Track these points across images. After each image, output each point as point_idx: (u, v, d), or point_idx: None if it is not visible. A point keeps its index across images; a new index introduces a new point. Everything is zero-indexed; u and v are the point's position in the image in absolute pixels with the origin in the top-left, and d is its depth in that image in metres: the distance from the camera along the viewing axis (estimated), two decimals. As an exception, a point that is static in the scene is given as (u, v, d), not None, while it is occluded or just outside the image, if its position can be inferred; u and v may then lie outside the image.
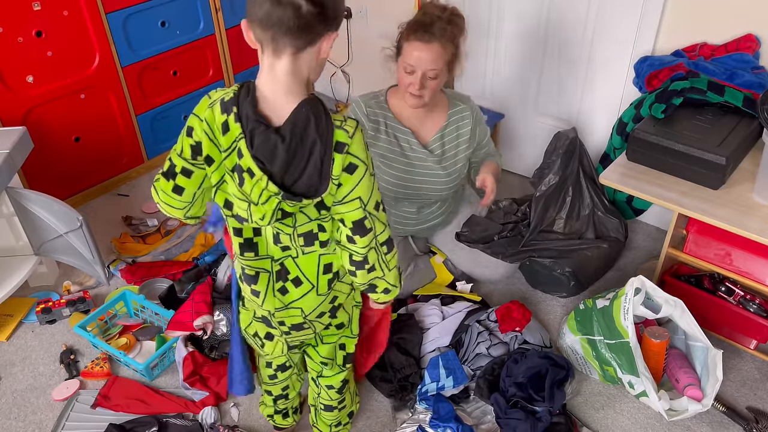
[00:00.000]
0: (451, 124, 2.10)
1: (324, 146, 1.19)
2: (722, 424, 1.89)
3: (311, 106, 1.22)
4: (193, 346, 2.04)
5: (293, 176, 1.22)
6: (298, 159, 1.20)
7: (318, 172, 1.21)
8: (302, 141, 1.19)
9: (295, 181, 1.22)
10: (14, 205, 2.25)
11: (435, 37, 1.85)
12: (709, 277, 2.10)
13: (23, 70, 2.48)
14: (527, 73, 2.73)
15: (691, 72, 2.10)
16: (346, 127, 1.22)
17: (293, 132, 1.19)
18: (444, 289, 2.03)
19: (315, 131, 1.19)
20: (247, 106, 1.21)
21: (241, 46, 3.21)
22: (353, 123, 1.24)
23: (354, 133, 1.22)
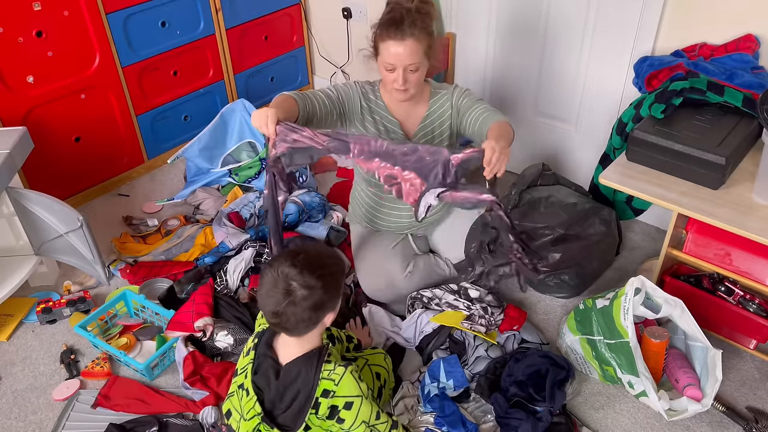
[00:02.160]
0: (432, 113, 2.11)
1: (306, 398, 1.48)
2: (722, 424, 1.89)
3: (307, 362, 1.51)
4: (194, 346, 2.04)
5: (280, 410, 1.51)
6: (285, 399, 1.50)
7: (295, 415, 1.49)
8: (289, 388, 1.50)
9: (281, 413, 1.51)
10: (14, 205, 2.25)
11: (407, 33, 1.87)
12: (708, 277, 2.10)
13: (23, 70, 2.48)
14: (527, 73, 2.73)
15: (690, 72, 2.10)
16: (333, 376, 1.49)
17: (285, 378, 1.50)
18: (461, 325, 2.04)
19: (302, 384, 1.49)
20: (264, 340, 1.57)
21: (242, 46, 3.21)
22: (341, 370, 1.50)
23: (341, 380, 1.49)
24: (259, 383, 1.54)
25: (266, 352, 1.55)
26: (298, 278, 1.42)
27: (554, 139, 2.80)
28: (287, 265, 1.44)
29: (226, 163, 2.91)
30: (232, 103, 2.93)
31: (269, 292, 1.44)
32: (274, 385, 1.51)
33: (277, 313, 1.44)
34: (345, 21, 3.29)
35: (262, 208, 2.57)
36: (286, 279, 1.43)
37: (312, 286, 1.43)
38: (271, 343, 1.57)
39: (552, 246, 2.24)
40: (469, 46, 2.85)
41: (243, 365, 1.60)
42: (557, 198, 2.33)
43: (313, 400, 1.48)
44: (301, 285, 1.42)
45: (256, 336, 1.62)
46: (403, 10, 1.88)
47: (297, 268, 1.43)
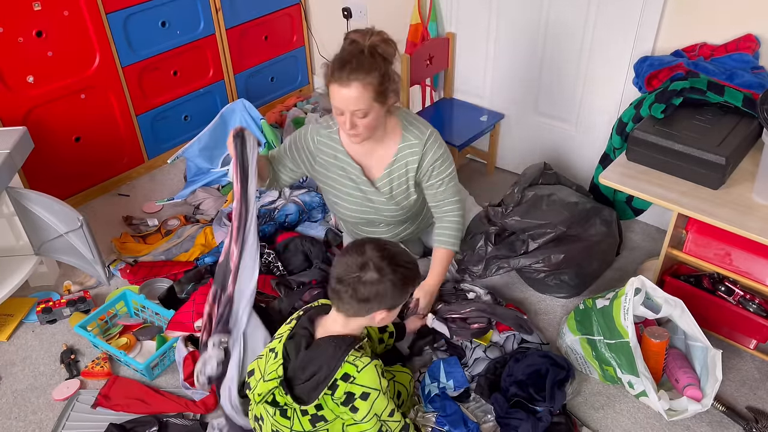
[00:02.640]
0: (398, 159, 2.01)
1: (325, 376, 1.49)
2: (722, 423, 1.89)
3: (338, 342, 1.52)
4: (194, 346, 2.04)
5: (300, 379, 1.51)
6: (308, 370, 1.50)
7: (311, 389, 1.49)
8: (313, 361, 1.51)
9: (299, 384, 1.51)
10: (14, 205, 2.26)
11: (352, 78, 1.75)
12: (708, 277, 2.10)
13: (23, 70, 2.48)
14: (527, 73, 2.73)
15: (690, 72, 2.10)
16: (357, 363, 1.50)
17: (313, 350, 1.52)
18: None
19: (328, 360, 1.50)
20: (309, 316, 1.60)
21: (242, 46, 3.21)
22: (366, 360, 1.51)
23: (363, 368, 1.50)
24: (289, 349, 1.55)
25: (306, 324, 1.58)
26: (377, 261, 1.48)
27: (554, 139, 2.80)
28: (376, 247, 1.51)
29: (226, 163, 2.91)
30: (232, 103, 2.93)
31: (347, 259, 1.51)
32: (302, 354, 1.52)
33: (341, 279, 1.49)
34: (345, 21, 3.29)
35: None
36: (366, 255, 1.49)
37: (384, 274, 1.48)
38: (314, 319, 1.60)
39: (553, 245, 2.24)
40: (469, 46, 2.85)
41: (281, 331, 1.62)
42: (559, 197, 2.33)
43: (332, 380, 1.49)
44: (376, 268, 1.48)
45: (305, 309, 1.65)
46: (354, 51, 1.78)
47: (382, 253, 1.50)
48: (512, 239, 2.29)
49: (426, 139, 1.98)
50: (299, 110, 3.40)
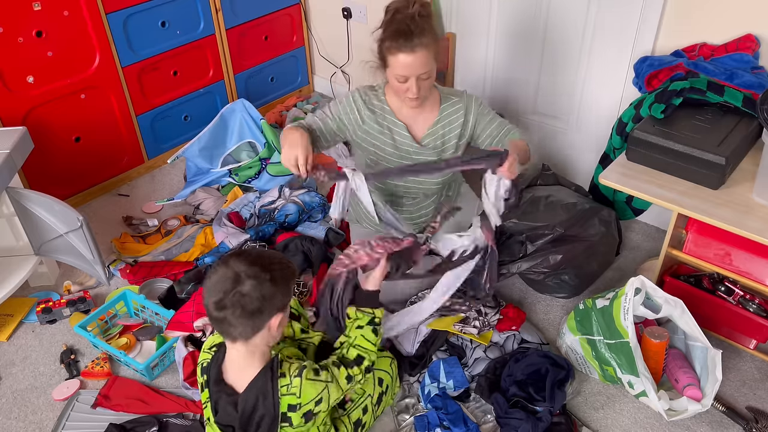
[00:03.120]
0: (443, 119, 2.08)
1: (271, 420, 1.45)
2: (722, 423, 1.89)
3: (261, 384, 1.46)
4: (193, 346, 2.04)
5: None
6: (251, 426, 1.46)
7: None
8: (252, 417, 1.46)
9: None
10: (14, 205, 2.26)
11: (417, 43, 1.82)
12: (708, 277, 2.11)
13: (23, 70, 2.48)
14: (526, 73, 2.74)
15: (690, 72, 2.10)
16: (293, 390, 1.45)
17: (244, 410, 1.46)
18: (453, 327, 2.04)
19: (263, 407, 1.44)
20: (212, 376, 1.52)
21: (242, 46, 3.21)
22: (297, 381, 1.46)
23: (301, 391, 1.46)
24: (223, 421, 1.50)
25: (219, 388, 1.50)
26: (247, 269, 1.39)
27: (554, 139, 2.80)
28: (238, 259, 1.41)
29: (226, 163, 2.91)
30: (232, 103, 2.93)
31: (216, 282, 1.40)
32: (237, 419, 1.47)
33: (220, 303, 1.37)
34: (345, 21, 3.29)
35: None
36: (234, 269, 1.39)
37: (259, 277, 1.39)
38: (221, 377, 1.52)
39: (552, 246, 2.24)
40: (469, 46, 2.85)
41: (204, 400, 1.57)
42: (557, 198, 2.33)
43: (280, 418, 1.45)
44: (250, 275, 1.38)
45: (203, 371, 1.57)
46: (407, 19, 1.83)
47: (247, 260, 1.41)
48: (510, 242, 2.28)
49: (465, 98, 2.08)
50: (299, 110, 3.41)
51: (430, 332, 2.05)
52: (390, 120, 2.07)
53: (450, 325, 2.03)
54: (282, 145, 1.88)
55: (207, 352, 1.59)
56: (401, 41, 1.83)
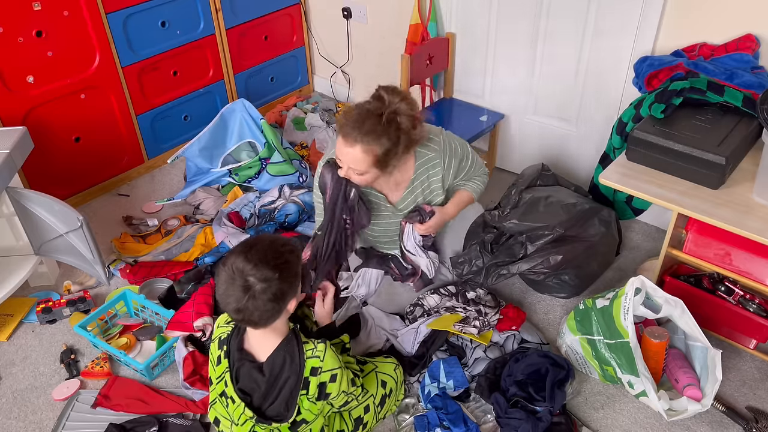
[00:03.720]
0: (419, 176, 2.05)
1: (296, 381, 1.51)
2: (722, 423, 1.89)
3: (287, 348, 1.53)
4: (193, 346, 2.04)
5: (268, 402, 1.53)
6: (274, 390, 1.52)
7: (286, 403, 1.51)
8: (278, 377, 1.52)
9: (269, 406, 1.53)
10: (14, 205, 2.26)
11: (358, 140, 1.76)
12: (708, 276, 2.10)
13: (23, 70, 2.48)
14: (526, 73, 2.73)
15: (690, 72, 2.10)
16: (317, 353, 1.53)
17: (272, 371, 1.52)
18: (453, 327, 2.04)
19: (289, 369, 1.51)
20: (233, 345, 1.57)
21: (242, 46, 3.21)
22: (321, 346, 1.53)
23: (324, 355, 1.53)
24: (245, 388, 1.54)
25: (241, 356, 1.55)
26: (254, 272, 1.42)
27: (554, 139, 2.80)
28: (241, 261, 1.43)
29: (226, 163, 2.91)
30: (232, 103, 2.93)
31: (228, 290, 1.44)
32: (263, 382, 1.52)
33: (239, 309, 1.44)
34: (345, 21, 3.29)
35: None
36: (242, 275, 1.42)
37: (269, 278, 1.42)
38: (242, 347, 1.57)
39: (552, 246, 2.23)
40: (469, 46, 2.85)
41: (219, 374, 1.59)
42: (557, 198, 2.33)
43: (303, 381, 1.50)
44: (259, 279, 1.42)
45: (221, 344, 1.60)
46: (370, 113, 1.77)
47: (251, 262, 1.43)
48: (510, 243, 2.28)
49: (442, 149, 2.02)
50: (299, 110, 3.41)
51: (430, 332, 2.05)
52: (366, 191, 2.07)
53: (450, 325, 2.03)
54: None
55: (224, 326, 1.63)
56: (346, 127, 1.78)
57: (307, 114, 3.35)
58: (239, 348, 1.57)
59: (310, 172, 2.90)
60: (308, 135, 3.25)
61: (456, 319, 2.06)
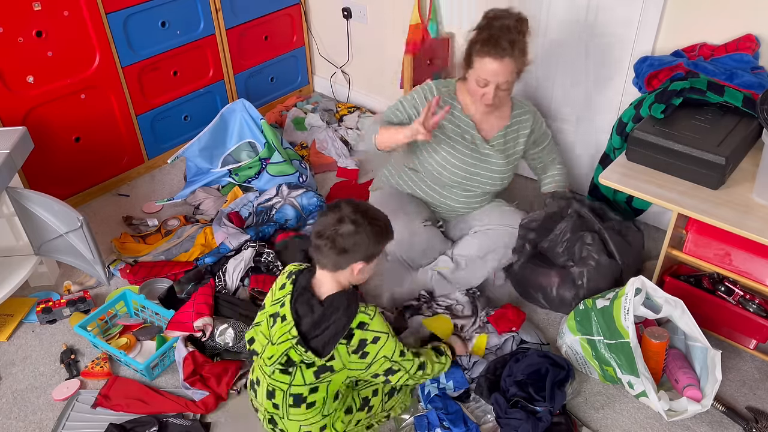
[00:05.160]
0: (513, 124, 2.20)
1: (345, 323, 1.60)
2: (722, 423, 1.89)
3: (349, 295, 1.65)
4: (193, 346, 2.04)
5: (315, 333, 1.61)
6: (324, 323, 1.61)
7: (330, 339, 1.59)
8: (333, 313, 1.61)
9: (314, 337, 1.61)
10: (14, 205, 2.26)
11: (507, 52, 1.92)
12: (708, 277, 2.10)
13: (23, 70, 2.48)
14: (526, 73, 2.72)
15: (690, 72, 2.10)
16: (368, 311, 1.64)
17: (330, 305, 1.62)
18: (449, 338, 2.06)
19: (345, 311, 1.61)
20: (303, 279, 1.69)
21: (242, 46, 3.21)
22: (373, 308, 1.66)
23: (374, 316, 1.64)
24: (299, 311, 1.64)
25: (306, 288, 1.67)
26: (352, 216, 1.60)
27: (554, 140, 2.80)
28: (350, 204, 1.63)
29: (226, 163, 2.91)
30: (232, 103, 2.93)
31: (326, 215, 1.63)
32: (318, 311, 1.62)
33: (320, 233, 1.61)
34: (345, 21, 3.29)
35: None
36: (342, 212, 1.61)
37: (360, 225, 1.60)
38: (309, 285, 1.68)
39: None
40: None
41: (277, 297, 1.70)
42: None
43: (348, 330, 1.60)
44: (351, 221, 1.59)
45: (291, 274, 1.72)
46: (504, 28, 1.92)
47: (356, 209, 1.62)
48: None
49: (533, 110, 2.26)
50: (299, 110, 3.41)
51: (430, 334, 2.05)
52: (460, 118, 2.16)
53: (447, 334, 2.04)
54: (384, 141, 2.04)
55: (297, 265, 1.76)
56: (492, 47, 1.91)
57: (307, 114, 3.36)
58: (306, 284, 1.68)
59: (311, 173, 2.90)
60: (308, 135, 3.25)
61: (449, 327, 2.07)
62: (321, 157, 3.11)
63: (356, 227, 1.60)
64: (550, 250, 2.20)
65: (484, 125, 2.19)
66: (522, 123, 2.23)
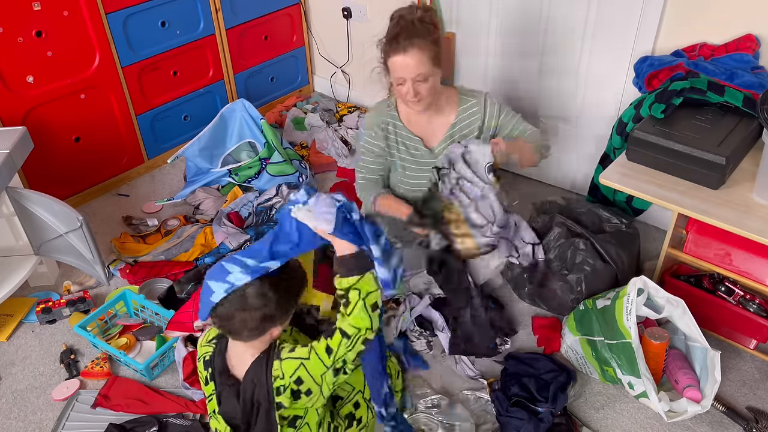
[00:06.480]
0: (459, 122, 2.11)
1: (267, 407, 1.44)
2: (722, 424, 1.89)
3: (256, 372, 1.44)
4: (193, 346, 2.04)
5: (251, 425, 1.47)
6: (252, 414, 1.47)
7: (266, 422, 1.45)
8: (252, 406, 1.46)
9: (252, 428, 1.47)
10: (14, 205, 2.25)
11: (410, 44, 1.87)
12: (708, 277, 2.10)
13: (23, 70, 2.48)
14: (526, 73, 2.73)
15: (690, 72, 2.10)
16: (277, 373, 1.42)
17: (245, 396, 1.46)
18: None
19: (258, 394, 1.44)
20: (217, 367, 1.51)
21: (242, 46, 3.21)
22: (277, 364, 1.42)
23: (283, 371, 1.42)
24: (227, 411, 1.50)
25: (223, 380, 1.51)
26: (257, 286, 1.36)
27: (554, 140, 2.80)
28: (254, 283, 1.37)
29: (226, 163, 2.91)
30: (232, 103, 2.93)
31: (229, 296, 1.37)
32: (240, 407, 1.47)
33: (224, 316, 1.38)
34: (345, 21, 3.29)
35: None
36: (246, 292, 1.36)
37: (267, 298, 1.36)
38: (225, 367, 1.51)
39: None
40: (469, 46, 2.85)
41: (209, 393, 1.55)
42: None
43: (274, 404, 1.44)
44: (257, 294, 1.36)
45: (206, 365, 1.55)
46: (405, 23, 1.89)
47: (263, 284, 1.37)
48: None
49: (483, 98, 2.10)
50: (299, 110, 3.41)
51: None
52: (404, 135, 2.12)
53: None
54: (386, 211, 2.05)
55: (207, 345, 1.56)
56: (395, 43, 1.89)
57: (307, 114, 3.35)
58: (221, 371, 1.51)
59: (311, 172, 2.90)
60: (308, 135, 3.25)
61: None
62: (321, 157, 3.11)
63: (263, 300, 1.36)
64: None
65: (428, 135, 2.12)
66: (471, 116, 2.10)
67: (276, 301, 1.38)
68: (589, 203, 2.37)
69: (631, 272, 2.15)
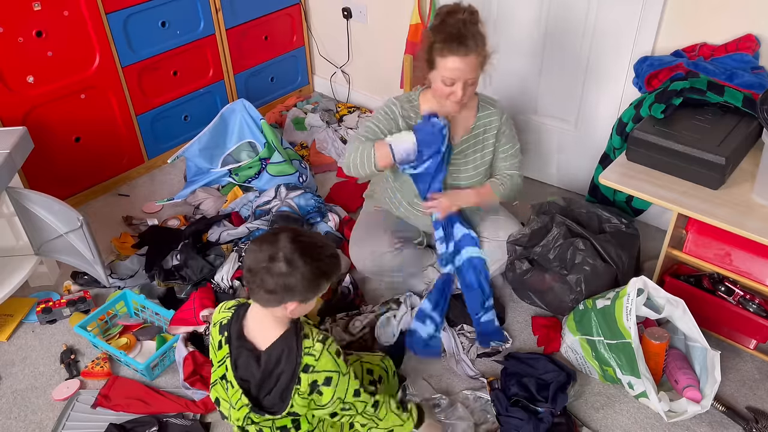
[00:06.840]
0: (480, 124, 2.15)
1: (290, 376, 1.47)
2: (722, 424, 1.89)
3: (287, 341, 1.49)
4: (193, 346, 2.04)
5: (264, 392, 1.50)
6: (268, 383, 1.49)
7: (281, 396, 1.48)
8: (274, 368, 1.48)
9: (265, 396, 1.50)
10: (14, 205, 2.25)
11: (470, 49, 1.88)
12: (708, 277, 2.10)
13: (23, 70, 2.48)
14: (526, 73, 2.73)
15: (690, 72, 2.10)
16: (313, 352, 1.47)
17: (269, 359, 1.49)
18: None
19: (286, 360, 1.47)
20: (234, 332, 1.53)
21: (242, 46, 3.21)
22: (319, 347, 1.48)
23: (320, 356, 1.47)
24: (243, 375, 1.51)
25: (241, 343, 1.52)
26: (288, 253, 1.39)
27: (554, 140, 2.80)
28: (287, 236, 1.41)
29: (226, 163, 2.91)
30: (232, 103, 2.93)
31: (258, 247, 1.42)
32: (259, 372, 1.49)
33: (251, 269, 1.41)
34: (345, 21, 3.29)
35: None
36: (278, 247, 1.39)
37: (295, 266, 1.39)
38: (242, 333, 1.53)
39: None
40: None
41: (220, 358, 1.56)
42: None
43: (297, 377, 1.46)
44: (286, 260, 1.38)
45: (222, 329, 1.56)
46: (459, 23, 1.88)
47: (294, 244, 1.40)
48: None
49: (501, 109, 2.18)
50: (299, 110, 3.41)
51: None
52: None
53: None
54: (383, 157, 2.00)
55: (226, 311, 1.58)
56: (454, 45, 1.87)
57: (307, 114, 3.36)
58: (239, 335, 1.53)
59: (310, 172, 2.90)
60: (308, 135, 3.25)
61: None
62: (321, 157, 3.11)
63: (290, 268, 1.38)
64: (542, 257, 2.19)
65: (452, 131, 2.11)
66: (491, 122, 2.15)
67: (302, 274, 1.40)
68: (589, 203, 2.37)
69: (631, 272, 2.15)
